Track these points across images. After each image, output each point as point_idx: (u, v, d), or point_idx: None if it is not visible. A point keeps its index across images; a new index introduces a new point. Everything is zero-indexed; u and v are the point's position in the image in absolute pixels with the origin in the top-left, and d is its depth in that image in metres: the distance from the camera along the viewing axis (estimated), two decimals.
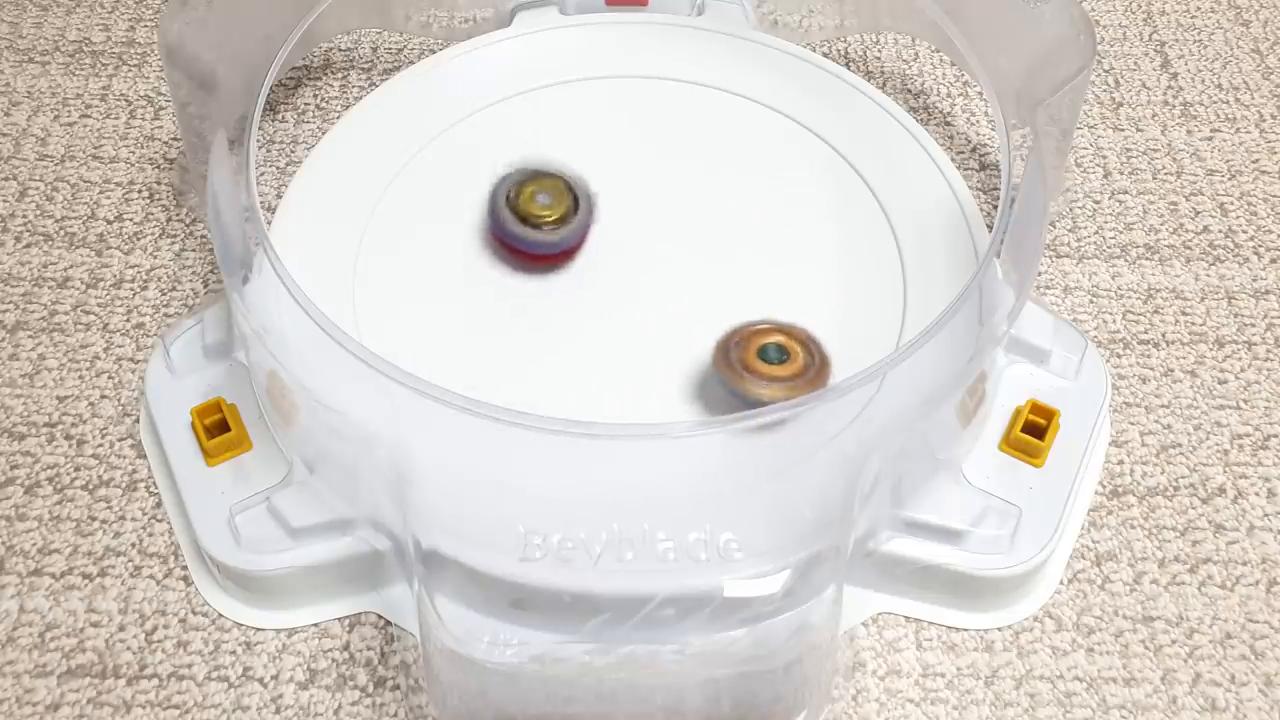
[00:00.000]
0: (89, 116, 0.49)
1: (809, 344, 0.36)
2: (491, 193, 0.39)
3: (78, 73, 0.50)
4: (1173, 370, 0.41)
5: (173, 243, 0.44)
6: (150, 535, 0.36)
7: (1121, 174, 0.47)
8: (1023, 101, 0.40)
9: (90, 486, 0.37)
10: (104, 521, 0.37)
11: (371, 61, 0.51)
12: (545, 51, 0.47)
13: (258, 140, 0.41)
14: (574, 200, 0.39)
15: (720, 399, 0.36)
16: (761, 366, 0.35)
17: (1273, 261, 0.44)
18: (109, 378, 0.40)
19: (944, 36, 0.43)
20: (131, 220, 0.45)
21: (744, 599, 0.30)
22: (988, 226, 0.41)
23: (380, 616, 0.35)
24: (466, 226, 0.41)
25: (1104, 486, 0.38)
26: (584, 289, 0.39)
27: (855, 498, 0.31)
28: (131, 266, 0.43)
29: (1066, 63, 0.40)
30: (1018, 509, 0.34)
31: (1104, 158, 0.48)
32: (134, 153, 0.47)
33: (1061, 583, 0.36)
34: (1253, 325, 0.42)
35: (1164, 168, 0.47)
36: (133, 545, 0.36)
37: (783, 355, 0.35)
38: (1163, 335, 0.42)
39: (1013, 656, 0.34)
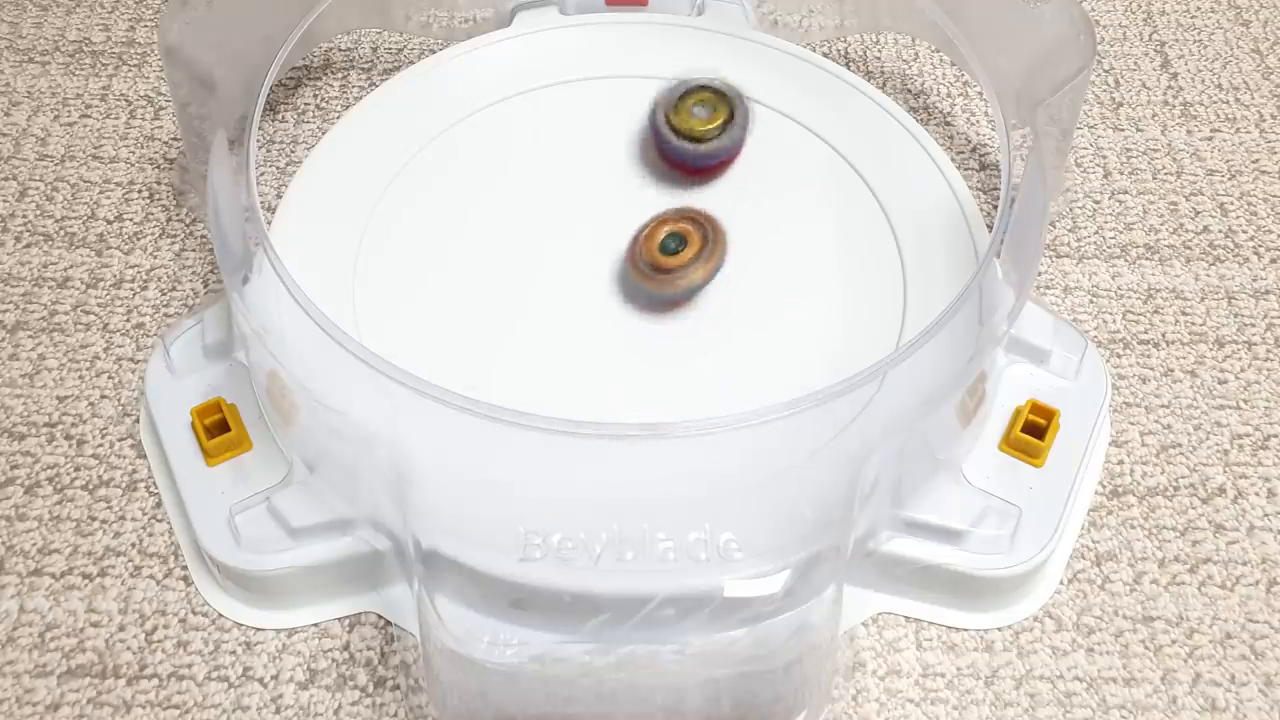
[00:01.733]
0: (89, 116, 0.49)
1: (702, 221, 0.38)
2: (651, 110, 0.41)
3: (78, 73, 0.50)
4: (1173, 370, 0.41)
5: (173, 243, 0.44)
6: (150, 535, 0.36)
7: (1121, 174, 0.47)
8: (1023, 101, 0.40)
9: (90, 486, 0.37)
10: (104, 521, 0.37)
11: (371, 61, 0.51)
12: (545, 51, 0.47)
13: (258, 140, 0.41)
14: (730, 111, 0.40)
15: (713, 388, 0.36)
16: (666, 260, 0.37)
17: (1273, 261, 0.44)
18: (109, 378, 0.40)
19: (944, 36, 0.43)
20: (131, 220, 0.45)
21: (744, 599, 0.30)
22: (988, 226, 0.41)
23: (380, 616, 0.35)
24: (467, 226, 0.41)
25: (1104, 486, 0.38)
26: (584, 288, 0.39)
27: (855, 498, 0.31)
28: (131, 266, 0.43)
29: (1066, 63, 0.40)
30: (1018, 509, 0.34)
31: (1104, 158, 0.48)
32: (134, 153, 0.47)
33: (1061, 583, 0.36)
34: (1253, 325, 0.42)
35: (1164, 168, 0.47)
36: (133, 545, 0.36)
37: (681, 243, 0.38)
38: (1163, 335, 0.42)
39: (1013, 656, 0.34)
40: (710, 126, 0.40)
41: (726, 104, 0.41)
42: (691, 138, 0.40)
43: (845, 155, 0.43)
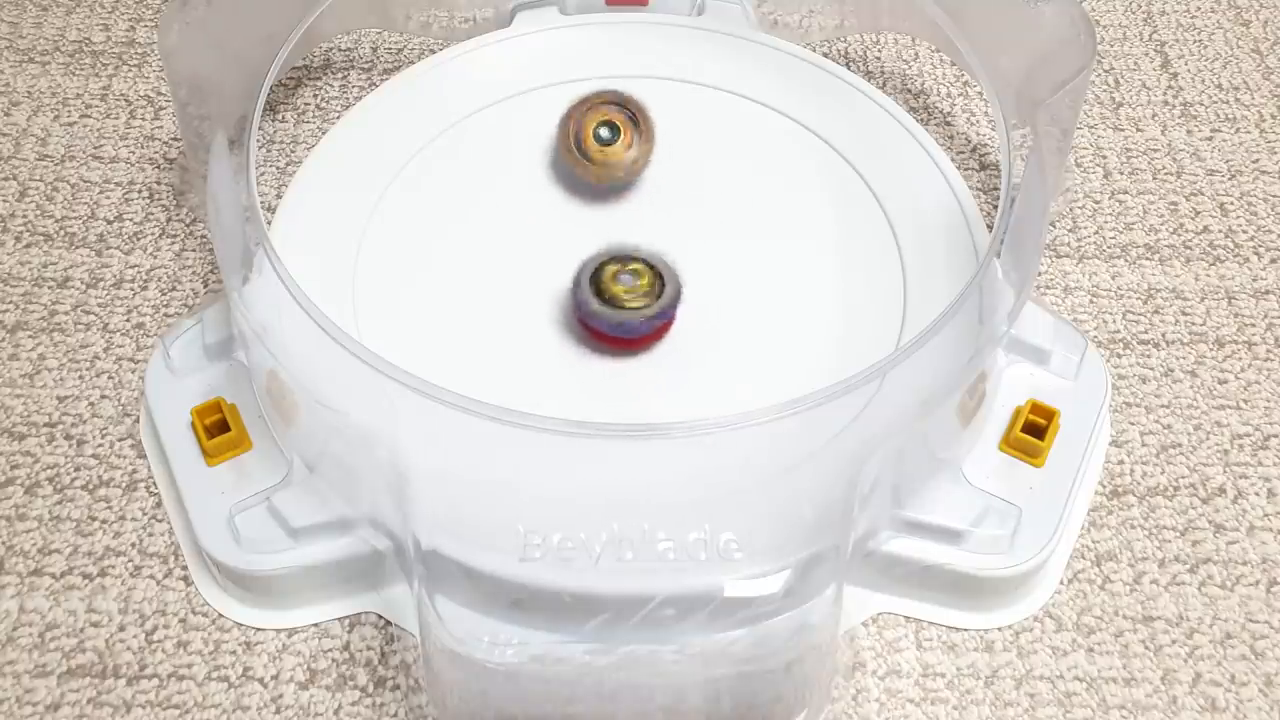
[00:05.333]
0: (89, 116, 0.49)
1: (632, 107, 0.40)
2: (575, 278, 0.37)
3: (78, 73, 0.50)
4: (1173, 370, 0.41)
5: (173, 243, 0.44)
6: (150, 535, 0.36)
7: (1121, 174, 0.47)
8: (1023, 101, 0.40)
9: (90, 486, 0.37)
10: (104, 521, 0.37)
11: (371, 61, 0.51)
12: (545, 51, 0.47)
13: (258, 140, 0.41)
14: (659, 278, 0.37)
15: (713, 387, 0.36)
16: (597, 150, 0.40)
17: (1273, 261, 0.44)
18: (109, 378, 0.40)
19: (944, 36, 0.43)
20: (131, 220, 0.45)
21: (744, 599, 0.30)
22: (988, 226, 0.41)
23: (380, 616, 0.35)
24: (467, 226, 0.41)
25: (1104, 486, 0.38)
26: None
27: (855, 498, 0.31)
28: (131, 266, 0.43)
29: (1067, 63, 0.40)
30: (1018, 509, 0.34)
31: (1104, 158, 0.48)
32: (134, 153, 0.47)
33: (1061, 583, 0.36)
34: (1253, 325, 0.42)
35: (1164, 168, 0.47)
36: (133, 545, 0.36)
37: (615, 132, 0.40)
38: (1163, 335, 0.42)
39: (1013, 656, 0.34)
40: (635, 295, 0.36)
41: (655, 275, 0.37)
42: (617, 305, 0.36)
43: (845, 155, 0.43)
